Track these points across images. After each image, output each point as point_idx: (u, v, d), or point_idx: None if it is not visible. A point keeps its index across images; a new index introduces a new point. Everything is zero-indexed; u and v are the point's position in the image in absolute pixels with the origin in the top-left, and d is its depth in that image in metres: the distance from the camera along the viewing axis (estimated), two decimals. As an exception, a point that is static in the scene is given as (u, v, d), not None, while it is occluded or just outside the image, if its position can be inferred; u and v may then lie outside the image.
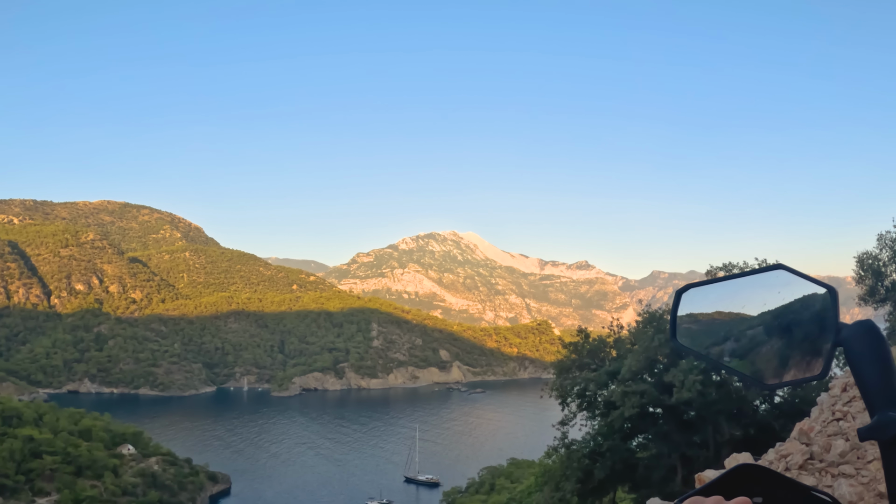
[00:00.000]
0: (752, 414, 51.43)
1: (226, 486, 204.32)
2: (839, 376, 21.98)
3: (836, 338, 2.99)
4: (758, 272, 3.24)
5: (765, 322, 3.18)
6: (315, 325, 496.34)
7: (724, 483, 2.79)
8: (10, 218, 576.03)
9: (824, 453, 18.59)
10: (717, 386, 49.05)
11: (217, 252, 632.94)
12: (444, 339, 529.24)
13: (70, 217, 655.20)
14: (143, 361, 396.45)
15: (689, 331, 3.49)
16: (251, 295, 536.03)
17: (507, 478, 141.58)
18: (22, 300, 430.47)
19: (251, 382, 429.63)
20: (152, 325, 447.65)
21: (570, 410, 59.13)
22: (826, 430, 19.44)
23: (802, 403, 45.59)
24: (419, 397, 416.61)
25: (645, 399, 50.58)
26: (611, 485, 56.72)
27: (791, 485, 2.77)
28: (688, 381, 47.30)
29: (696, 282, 3.49)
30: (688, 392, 47.04)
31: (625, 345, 61.60)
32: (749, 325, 3.24)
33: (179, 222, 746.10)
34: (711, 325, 3.44)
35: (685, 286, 3.48)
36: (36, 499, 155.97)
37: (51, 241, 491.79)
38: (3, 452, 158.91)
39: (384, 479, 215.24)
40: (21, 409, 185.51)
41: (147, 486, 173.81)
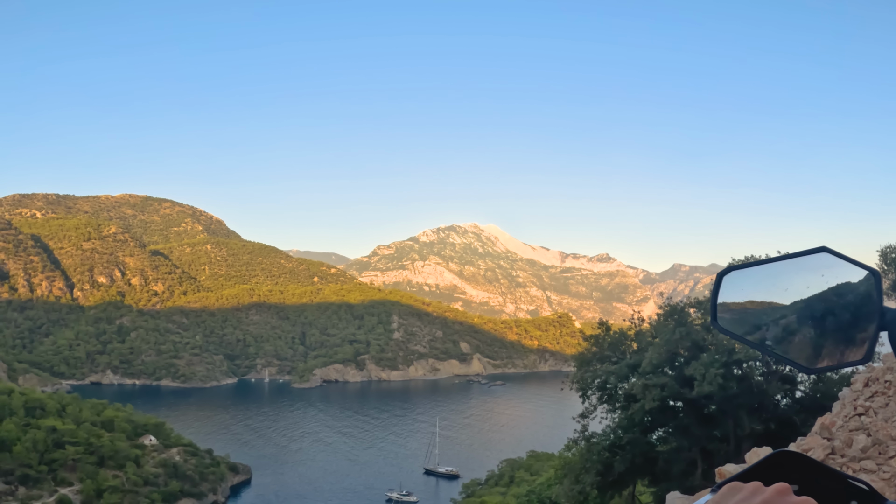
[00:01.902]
0: (773, 408, 51.13)
1: (246, 477, 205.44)
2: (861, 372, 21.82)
3: (880, 322, 2.93)
4: (800, 255, 3.17)
5: (807, 305, 3.13)
6: (336, 317, 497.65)
7: (761, 469, 2.78)
8: (32, 212, 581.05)
9: (846, 448, 18.45)
10: (738, 380, 48.79)
11: (238, 245, 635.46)
12: (464, 331, 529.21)
13: (92, 211, 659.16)
14: (164, 353, 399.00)
15: (730, 314, 3.43)
16: (272, 287, 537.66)
17: (526, 470, 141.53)
18: (45, 293, 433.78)
19: (272, 374, 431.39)
20: (174, 317, 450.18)
21: (591, 403, 59.00)
22: (848, 425, 19.30)
23: (824, 398, 45.28)
24: (439, 389, 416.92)
25: (665, 392, 50.33)
26: (630, 478, 56.56)
27: (828, 472, 2.74)
28: (709, 374, 47.05)
29: (737, 264, 3.42)
30: (709, 386, 46.79)
31: (646, 338, 61.34)
32: (791, 308, 3.18)
33: (201, 215, 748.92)
34: (753, 309, 3.37)
35: (727, 268, 3.44)
36: (58, 489, 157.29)
37: (73, 234, 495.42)
38: (26, 443, 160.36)
39: (404, 471, 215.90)
40: (44, 401, 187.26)
41: (168, 476, 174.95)
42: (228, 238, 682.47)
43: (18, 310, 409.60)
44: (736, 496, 2.45)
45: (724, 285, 3.40)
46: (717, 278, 3.43)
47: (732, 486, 2.53)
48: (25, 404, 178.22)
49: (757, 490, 2.44)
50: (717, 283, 3.41)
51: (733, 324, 3.43)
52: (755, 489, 2.46)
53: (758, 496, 2.40)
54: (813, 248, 3.13)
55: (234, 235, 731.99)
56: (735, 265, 3.39)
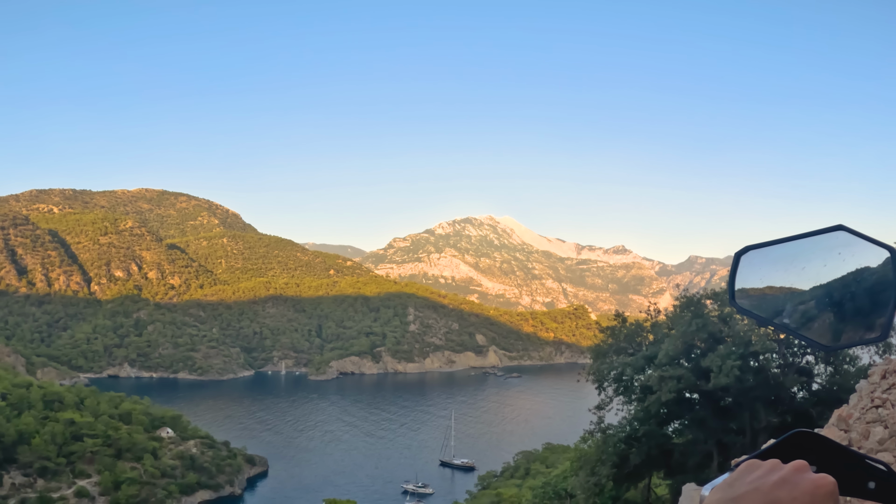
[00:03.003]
0: (790, 401, 50.84)
1: (263, 469, 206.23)
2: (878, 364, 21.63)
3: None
4: (817, 233, 3.17)
5: (824, 284, 3.14)
6: (352, 309, 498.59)
7: (779, 448, 2.80)
8: (50, 207, 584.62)
9: (862, 440, 18.33)
10: (754, 372, 48.53)
11: (255, 238, 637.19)
12: (480, 323, 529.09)
13: (109, 205, 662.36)
14: (181, 346, 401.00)
15: (747, 293, 3.45)
16: (289, 280, 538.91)
17: (542, 462, 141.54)
18: (63, 287, 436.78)
19: (289, 366, 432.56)
20: (191, 310, 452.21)
21: (607, 395, 58.86)
22: (865, 418, 19.17)
23: (841, 391, 44.98)
24: (455, 382, 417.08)
25: (682, 384, 50.16)
26: (646, 470, 56.47)
27: (846, 452, 2.75)
28: (725, 366, 46.83)
29: (754, 243, 3.43)
30: (725, 378, 46.58)
31: (662, 329, 61.10)
32: (808, 286, 3.20)
33: (217, 209, 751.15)
34: (770, 287, 3.39)
35: (744, 248, 3.43)
36: (77, 481, 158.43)
37: (90, 229, 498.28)
38: (45, 436, 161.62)
39: (420, 463, 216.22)
40: (63, 394, 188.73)
41: (186, 468, 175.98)
42: (245, 231, 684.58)
43: (36, 304, 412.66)
44: (754, 473, 2.48)
45: (741, 264, 3.43)
46: (734, 257, 3.43)
47: (750, 463, 2.57)
48: (44, 397, 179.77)
49: (775, 467, 2.47)
50: (735, 263, 3.43)
51: (751, 302, 3.45)
52: (773, 466, 2.48)
53: (776, 473, 2.43)
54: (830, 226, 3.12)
55: (251, 229, 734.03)
56: (752, 245, 3.42)
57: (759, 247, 3.41)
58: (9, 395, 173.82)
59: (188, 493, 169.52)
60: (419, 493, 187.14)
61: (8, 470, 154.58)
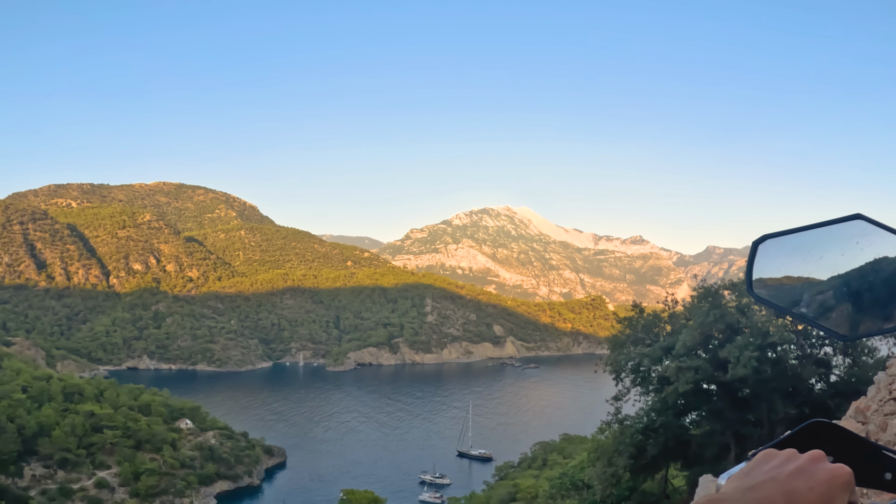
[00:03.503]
0: (807, 392, 50.42)
1: (281, 460, 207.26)
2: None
3: None
4: (835, 222, 3.15)
5: (842, 273, 3.13)
6: (370, 300, 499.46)
7: (796, 438, 2.81)
8: (68, 202, 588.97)
9: (880, 432, 18.13)
10: (772, 363, 48.17)
11: (272, 230, 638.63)
12: (497, 314, 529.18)
13: (127, 199, 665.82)
14: (200, 338, 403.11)
15: (765, 282, 3.45)
16: (306, 272, 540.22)
17: (559, 453, 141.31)
18: (82, 281, 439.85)
19: (307, 358, 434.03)
20: (209, 302, 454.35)
21: (624, 386, 58.53)
22: (883, 409, 18.97)
23: (859, 383, 44.54)
24: (473, 372, 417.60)
25: (699, 375, 49.86)
26: (663, 461, 56.17)
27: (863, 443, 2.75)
28: (743, 357, 46.50)
29: (772, 232, 3.42)
30: (743, 369, 46.25)
31: (679, 320, 60.68)
32: (826, 276, 3.19)
33: (234, 201, 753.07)
34: (788, 277, 3.39)
35: (761, 237, 3.42)
36: (97, 472, 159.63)
37: (108, 222, 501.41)
38: (65, 428, 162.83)
39: (437, 454, 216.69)
40: (82, 386, 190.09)
41: (204, 459, 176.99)
42: (262, 223, 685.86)
43: (56, 298, 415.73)
44: (770, 462, 2.49)
45: (759, 253, 3.41)
46: (752, 246, 3.43)
47: (767, 452, 2.58)
48: (64, 390, 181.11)
49: (791, 457, 2.48)
50: (753, 252, 3.42)
51: (768, 291, 3.45)
52: (790, 456, 2.49)
53: (792, 462, 2.44)
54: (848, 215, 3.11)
55: (268, 221, 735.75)
56: (770, 234, 3.41)
57: (776, 236, 3.40)
58: (29, 388, 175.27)
59: (207, 484, 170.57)
60: (436, 484, 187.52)
61: (29, 462, 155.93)
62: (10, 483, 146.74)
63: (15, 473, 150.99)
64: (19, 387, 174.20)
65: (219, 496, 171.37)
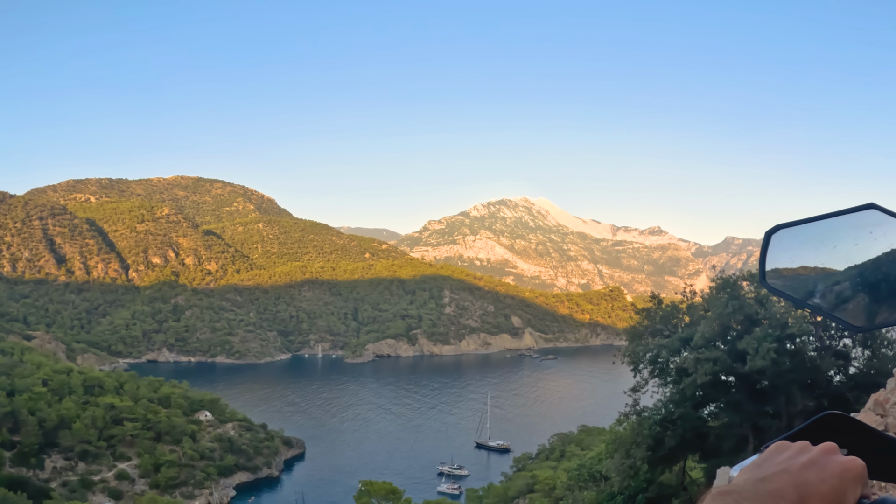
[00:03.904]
0: (826, 384, 50.08)
1: (300, 451, 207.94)
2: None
3: None
4: (848, 212, 3.13)
5: (856, 263, 3.10)
6: (388, 292, 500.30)
7: (809, 430, 2.79)
8: (87, 197, 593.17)
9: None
10: (791, 355, 47.85)
11: (290, 223, 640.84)
12: (516, 305, 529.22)
13: (145, 193, 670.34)
14: (219, 331, 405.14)
15: (779, 273, 3.42)
16: (324, 264, 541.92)
17: (577, 444, 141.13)
18: (101, 275, 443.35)
19: (325, 349, 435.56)
20: (228, 295, 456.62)
21: (642, 377, 58.24)
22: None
23: (878, 375, 44.25)
24: (491, 364, 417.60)
25: (717, 366, 49.55)
26: (681, 453, 55.99)
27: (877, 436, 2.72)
28: (762, 348, 46.19)
29: (785, 223, 3.41)
30: (761, 360, 45.95)
31: (698, 311, 60.31)
32: (840, 266, 3.17)
33: (252, 194, 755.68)
34: (802, 267, 3.37)
35: (774, 227, 3.40)
36: (117, 463, 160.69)
37: (127, 217, 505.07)
38: (85, 420, 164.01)
39: (455, 445, 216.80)
40: (102, 379, 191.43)
41: (224, 450, 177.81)
42: (280, 216, 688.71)
43: (76, 292, 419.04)
44: (782, 454, 2.48)
45: (772, 244, 3.40)
46: (764, 237, 3.41)
47: (780, 444, 2.56)
48: (84, 383, 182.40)
49: (804, 449, 2.47)
50: (766, 242, 3.41)
51: (782, 282, 3.43)
52: (802, 448, 2.48)
53: (805, 454, 2.43)
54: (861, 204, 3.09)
55: (286, 213, 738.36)
56: (782, 224, 3.39)
57: (789, 226, 3.37)
58: (50, 381, 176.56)
59: (226, 475, 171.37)
60: (455, 475, 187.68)
61: (50, 454, 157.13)
62: (32, 475, 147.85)
63: (36, 465, 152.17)
64: (40, 380, 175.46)
65: (238, 487, 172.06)
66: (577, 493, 68.84)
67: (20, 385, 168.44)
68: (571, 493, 70.54)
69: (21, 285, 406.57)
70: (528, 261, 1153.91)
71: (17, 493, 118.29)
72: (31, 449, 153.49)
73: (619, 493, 57.95)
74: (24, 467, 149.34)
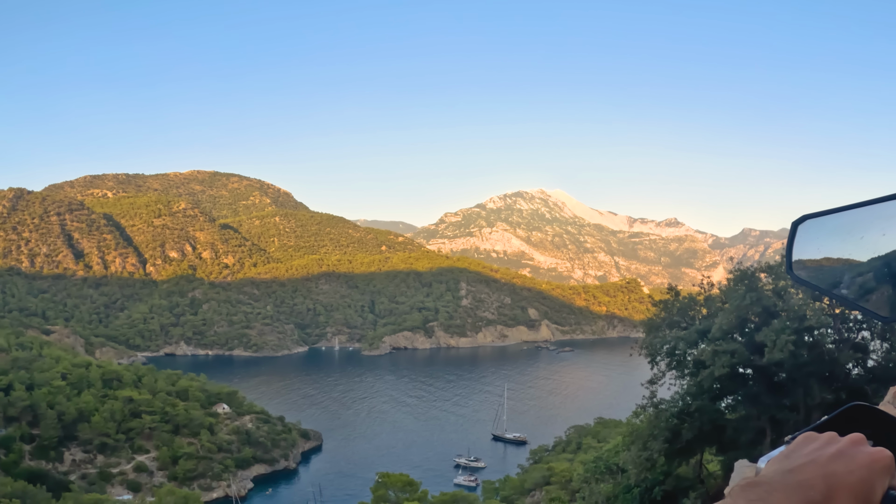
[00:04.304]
0: (845, 377, 49.71)
1: (317, 443, 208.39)
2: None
3: None
4: (876, 202, 3.06)
5: (883, 254, 3.06)
6: (404, 284, 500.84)
7: (835, 421, 2.77)
8: (104, 192, 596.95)
9: (919, 419, 17.66)
10: (809, 347, 47.51)
11: (306, 216, 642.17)
12: (532, 297, 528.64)
13: (161, 188, 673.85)
14: (236, 324, 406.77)
15: (805, 263, 3.41)
16: (341, 257, 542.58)
17: (593, 437, 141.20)
18: (119, 269, 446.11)
19: (342, 342, 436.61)
20: (245, 288, 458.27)
21: (659, 369, 58.02)
22: (922, 395, 18.51)
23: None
24: (507, 356, 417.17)
25: (735, 359, 49.27)
26: (698, 446, 55.73)
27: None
28: (780, 341, 45.87)
29: (812, 213, 3.39)
30: (779, 353, 45.65)
31: (715, 303, 60.06)
32: (866, 257, 3.14)
33: (269, 188, 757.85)
34: (828, 258, 3.35)
35: (801, 217, 3.39)
36: (136, 456, 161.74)
37: (144, 211, 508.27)
38: (104, 413, 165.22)
39: (472, 437, 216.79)
40: (121, 372, 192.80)
41: (241, 443, 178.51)
42: (296, 210, 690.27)
43: (94, 286, 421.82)
44: (810, 445, 2.47)
45: (798, 234, 3.39)
46: (791, 227, 3.39)
47: (807, 435, 2.56)
48: (103, 376, 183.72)
49: (832, 440, 2.46)
50: (793, 232, 3.39)
51: (808, 273, 3.41)
52: (830, 438, 2.47)
53: (832, 445, 2.42)
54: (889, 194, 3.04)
55: (302, 207, 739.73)
56: (809, 214, 3.37)
57: (816, 216, 3.35)
58: (68, 375, 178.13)
59: (244, 468, 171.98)
60: (471, 467, 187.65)
61: (69, 447, 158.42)
62: (51, 468, 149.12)
63: (55, 458, 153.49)
64: (59, 374, 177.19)
65: (256, 479, 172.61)
66: (594, 485, 68.80)
67: (39, 379, 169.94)
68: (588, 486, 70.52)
69: (40, 280, 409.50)
70: (545, 253, 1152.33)
71: (36, 486, 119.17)
72: (51, 442, 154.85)
73: (635, 486, 57.83)
74: (44, 460, 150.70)
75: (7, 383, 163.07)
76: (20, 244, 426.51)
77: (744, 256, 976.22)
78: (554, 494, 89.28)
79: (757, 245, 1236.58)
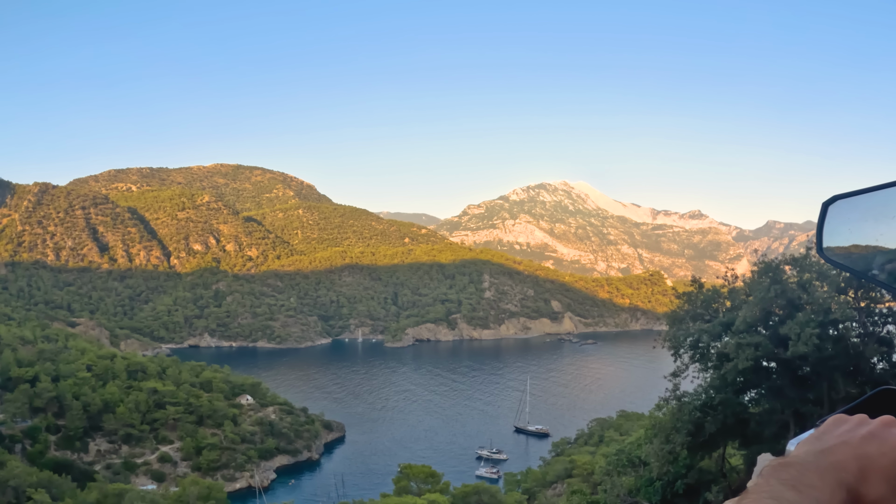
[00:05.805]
0: (869, 371, 49.17)
1: (340, 435, 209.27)
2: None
3: None
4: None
5: None
6: (427, 276, 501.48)
7: (867, 405, 2.77)
8: (128, 186, 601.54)
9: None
10: (833, 341, 47.07)
11: (329, 208, 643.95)
12: (555, 289, 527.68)
13: (185, 181, 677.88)
14: (260, 316, 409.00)
15: (836, 243, 3.37)
16: (364, 249, 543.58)
17: (616, 430, 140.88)
18: (143, 262, 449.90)
19: (365, 334, 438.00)
20: (268, 280, 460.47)
21: (683, 362, 57.67)
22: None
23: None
24: (530, 348, 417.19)
25: (759, 352, 48.88)
26: (721, 439, 55.34)
27: None
28: (804, 334, 45.46)
29: (842, 193, 3.35)
30: (804, 346, 45.23)
31: (739, 296, 59.54)
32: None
33: (292, 181, 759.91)
34: (860, 238, 3.31)
35: (832, 198, 3.36)
36: (160, 446, 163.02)
37: (168, 205, 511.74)
38: (129, 404, 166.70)
39: (494, 429, 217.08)
40: (145, 364, 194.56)
41: (265, 434, 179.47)
42: (319, 202, 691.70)
43: (118, 279, 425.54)
44: (842, 426, 2.48)
45: (829, 215, 3.35)
46: (822, 208, 3.36)
47: (838, 418, 2.56)
48: (128, 368, 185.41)
49: (862, 422, 2.47)
50: (823, 212, 3.35)
51: (840, 255, 3.38)
52: (861, 421, 2.48)
53: (863, 427, 2.43)
54: None
55: (325, 199, 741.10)
56: (840, 194, 3.34)
57: (846, 196, 3.31)
58: (94, 367, 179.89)
59: (267, 458, 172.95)
60: (493, 459, 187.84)
61: (94, 437, 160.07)
62: (76, 458, 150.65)
63: (81, 449, 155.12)
64: (84, 366, 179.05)
65: (279, 470, 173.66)
66: (616, 478, 68.44)
67: (65, 370, 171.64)
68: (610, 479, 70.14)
69: (65, 273, 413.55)
70: (568, 245, 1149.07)
71: (61, 476, 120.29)
72: (76, 433, 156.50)
73: (657, 479, 57.62)
74: (69, 450, 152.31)
75: (33, 375, 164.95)
76: (46, 238, 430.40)
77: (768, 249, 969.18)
78: (576, 487, 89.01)
79: (781, 238, 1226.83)
